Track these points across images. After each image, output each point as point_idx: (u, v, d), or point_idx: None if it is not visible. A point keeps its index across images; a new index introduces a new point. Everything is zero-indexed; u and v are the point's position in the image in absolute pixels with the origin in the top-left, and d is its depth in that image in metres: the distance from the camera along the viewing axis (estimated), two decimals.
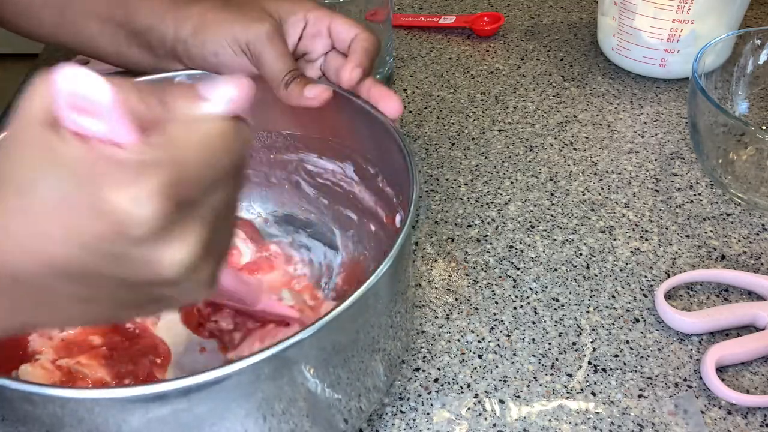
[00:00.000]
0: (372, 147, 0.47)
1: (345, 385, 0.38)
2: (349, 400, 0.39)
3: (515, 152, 0.67)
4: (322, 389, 0.36)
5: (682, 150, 0.67)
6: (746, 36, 0.65)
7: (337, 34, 0.47)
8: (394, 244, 0.36)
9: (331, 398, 0.38)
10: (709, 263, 0.56)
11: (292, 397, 0.35)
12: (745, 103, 0.67)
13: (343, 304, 0.33)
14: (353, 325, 0.36)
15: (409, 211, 0.38)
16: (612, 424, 0.45)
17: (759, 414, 0.46)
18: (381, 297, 0.38)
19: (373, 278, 0.34)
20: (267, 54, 0.44)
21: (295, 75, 0.44)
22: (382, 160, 0.46)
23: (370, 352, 0.39)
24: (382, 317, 0.39)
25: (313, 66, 0.49)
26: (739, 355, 0.48)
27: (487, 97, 0.74)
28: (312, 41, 0.48)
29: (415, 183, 0.39)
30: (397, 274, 0.39)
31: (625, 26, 0.73)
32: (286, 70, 0.44)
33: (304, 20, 0.47)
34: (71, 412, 0.31)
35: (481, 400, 0.47)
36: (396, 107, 0.44)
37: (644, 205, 0.61)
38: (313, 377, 0.35)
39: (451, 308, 0.53)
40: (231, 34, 0.45)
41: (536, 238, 0.58)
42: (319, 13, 0.47)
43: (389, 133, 0.43)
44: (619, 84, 0.76)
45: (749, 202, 0.59)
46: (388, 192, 0.47)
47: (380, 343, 0.40)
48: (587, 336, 0.51)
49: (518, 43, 0.83)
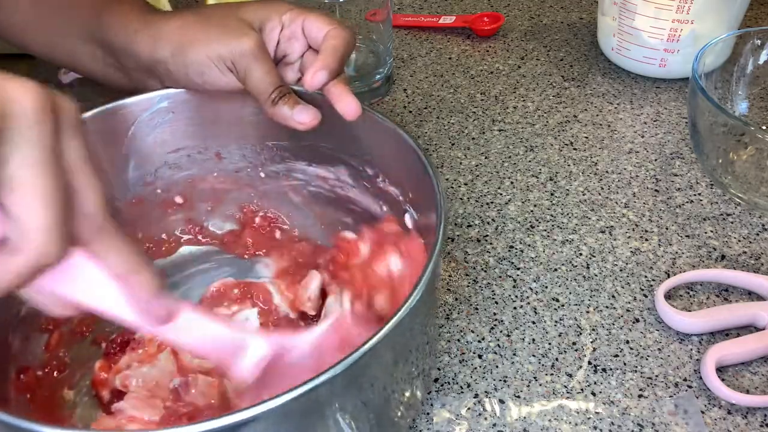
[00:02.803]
0: (369, 147, 0.46)
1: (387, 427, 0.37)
2: None
3: (515, 152, 0.67)
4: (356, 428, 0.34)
5: (682, 150, 0.67)
6: (746, 36, 0.65)
7: (309, 33, 0.46)
8: (429, 260, 0.34)
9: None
10: (709, 263, 0.56)
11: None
12: (745, 103, 0.67)
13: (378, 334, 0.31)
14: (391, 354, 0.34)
15: (440, 220, 0.36)
16: (612, 424, 0.45)
17: (759, 414, 0.46)
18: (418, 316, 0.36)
19: (412, 299, 0.32)
20: (254, 71, 0.43)
21: (282, 92, 0.43)
22: (381, 160, 0.46)
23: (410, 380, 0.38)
24: (419, 336, 0.37)
25: (293, 68, 0.48)
26: (739, 355, 0.48)
27: (487, 97, 0.74)
28: (289, 43, 0.47)
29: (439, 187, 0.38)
30: (431, 291, 0.37)
31: (625, 26, 0.73)
32: (273, 86, 0.43)
33: (280, 23, 0.46)
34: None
35: (481, 400, 0.47)
36: (353, 108, 0.43)
37: (644, 205, 0.61)
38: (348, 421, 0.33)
39: (451, 308, 0.53)
40: (215, 52, 0.44)
41: (536, 238, 0.58)
42: (292, 14, 0.46)
43: (391, 132, 0.42)
44: (619, 84, 0.76)
45: (749, 202, 0.59)
46: (392, 191, 0.46)
47: (419, 366, 0.38)
48: (587, 336, 0.51)
49: (518, 43, 0.83)
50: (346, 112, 0.43)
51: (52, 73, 0.79)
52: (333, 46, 0.44)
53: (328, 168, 0.49)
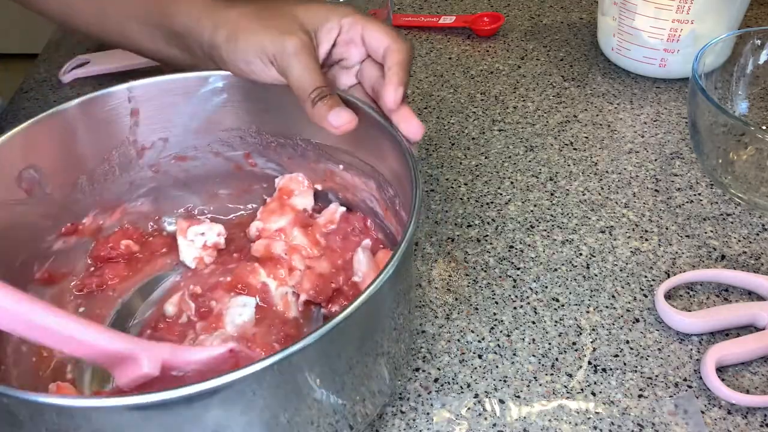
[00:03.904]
0: (391, 169, 0.46)
1: (350, 391, 0.38)
2: (353, 405, 0.39)
3: (515, 152, 0.67)
4: (326, 396, 0.36)
5: (682, 150, 0.67)
6: (746, 36, 0.65)
7: (369, 42, 0.46)
8: (399, 245, 0.36)
9: (336, 404, 0.37)
10: (709, 263, 0.56)
11: (297, 406, 0.35)
12: (745, 103, 0.67)
13: (347, 309, 0.33)
14: (358, 330, 0.36)
15: (414, 206, 0.38)
16: (612, 424, 0.45)
17: (759, 414, 0.46)
18: (386, 299, 0.37)
19: (378, 281, 0.34)
20: (294, 68, 0.44)
21: (322, 93, 0.44)
22: (400, 184, 0.46)
23: (374, 357, 0.39)
24: (386, 320, 0.39)
25: (348, 73, 0.49)
26: (739, 355, 0.48)
27: (487, 97, 0.74)
28: (347, 48, 0.47)
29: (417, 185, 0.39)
30: (400, 275, 0.39)
31: (625, 26, 0.73)
32: (314, 85, 0.44)
33: (338, 27, 0.46)
34: (70, 418, 0.31)
35: (481, 400, 0.47)
36: (417, 130, 0.43)
37: (644, 205, 0.61)
38: (319, 387, 0.35)
39: (451, 308, 0.53)
40: (260, 45, 0.45)
41: (536, 238, 0.58)
42: (352, 20, 0.46)
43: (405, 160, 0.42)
44: (619, 84, 0.76)
45: (749, 202, 0.59)
46: (402, 216, 0.46)
47: (384, 346, 0.39)
48: (587, 336, 0.51)
49: (518, 43, 0.83)
50: (411, 132, 0.43)
51: (52, 72, 0.79)
52: (399, 61, 0.44)
53: (360, 177, 0.50)
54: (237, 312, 0.48)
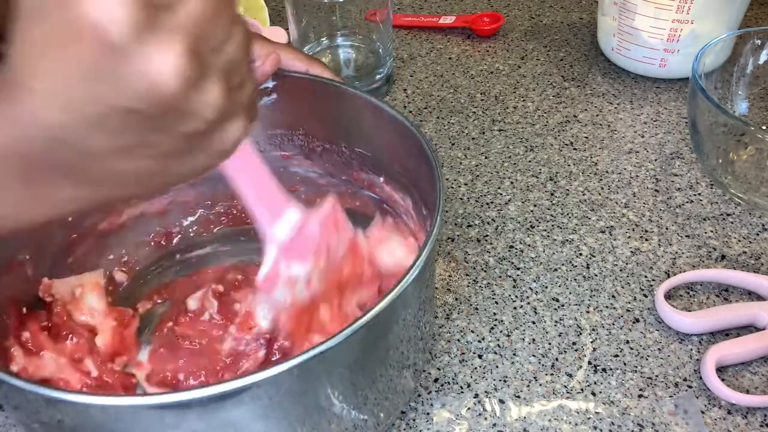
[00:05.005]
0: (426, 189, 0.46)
1: (372, 406, 0.37)
2: (372, 417, 0.38)
3: (515, 152, 0.67)
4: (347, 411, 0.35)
5: (682, 150, 0.67)
6: (746, 36, 0.65)
7: None
8: (423, 248, 0.35)
9: (356, 419, 0.36)
10: (709, 263, 0.56)
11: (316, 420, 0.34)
12: (745, 103, 0.67)
13: (367, 315, 0.31)
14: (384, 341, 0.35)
15: (438, 209, 0.38)
16: (612, 424, 0.45)
17: (759, 414, 0.46)
18: (410, 305, 0.36)
19: (401, 285, 0.33)
20: None
21: None
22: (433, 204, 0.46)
23: (399, 369, 0.38)
24: (411, 329, 0.38)
25: None
26: (739, 355, 0.48)
27: (487, 97, 0.74)
28: None
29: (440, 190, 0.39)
30: (424, 279, 0.38)
31: (625, 26, 0.73)
32: None
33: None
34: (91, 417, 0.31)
35: (481, 400, 0.47)
36: None
37: (644, 205, 0.61)
38: (340, 402, 0.34)
39: (451, 308, 0.53)
40: None
41: (536, 238, 0.58)
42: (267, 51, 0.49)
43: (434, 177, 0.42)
44: (619, 84, 0.76)
45: (749, 202, 0.59)
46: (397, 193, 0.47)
47: (410, 358, 0.39)
48: (587, 336, 0.51)
49: (518, 43, 0.83)
50: None
51: None
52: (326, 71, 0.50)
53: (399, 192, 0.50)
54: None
